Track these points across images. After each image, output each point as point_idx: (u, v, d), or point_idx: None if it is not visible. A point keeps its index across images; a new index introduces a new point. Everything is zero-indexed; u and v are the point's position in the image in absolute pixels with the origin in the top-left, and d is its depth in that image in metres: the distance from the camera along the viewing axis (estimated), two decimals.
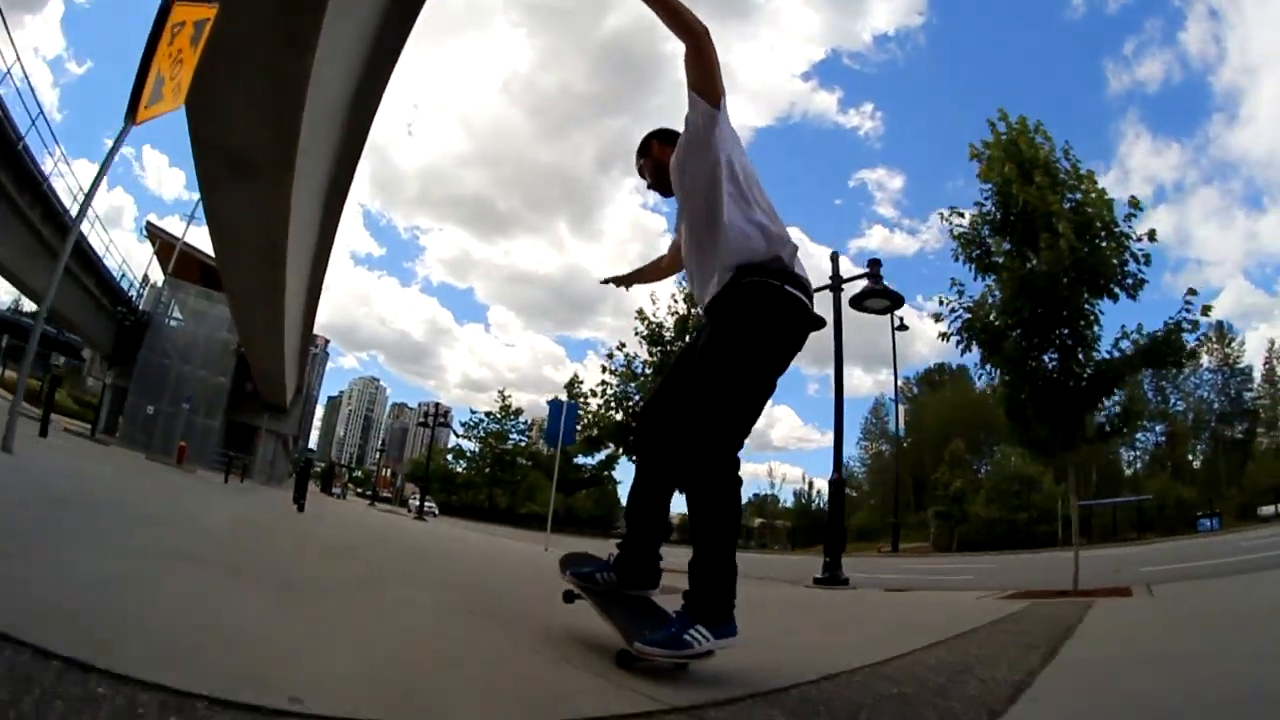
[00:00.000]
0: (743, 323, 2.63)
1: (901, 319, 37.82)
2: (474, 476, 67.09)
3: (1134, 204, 8.60)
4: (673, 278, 4.98)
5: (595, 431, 24.08)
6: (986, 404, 67.66)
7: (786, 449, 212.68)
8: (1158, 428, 64.99)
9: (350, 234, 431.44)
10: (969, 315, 9.04)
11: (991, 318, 8.86)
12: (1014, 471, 53.96)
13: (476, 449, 64.31)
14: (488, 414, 63.65)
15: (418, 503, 47.37)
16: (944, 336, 9.22)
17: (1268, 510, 38.11)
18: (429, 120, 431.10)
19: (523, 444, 65.08)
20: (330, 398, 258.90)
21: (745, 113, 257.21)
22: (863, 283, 12.58)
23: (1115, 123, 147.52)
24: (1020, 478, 53.57)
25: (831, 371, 13.19)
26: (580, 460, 58.64)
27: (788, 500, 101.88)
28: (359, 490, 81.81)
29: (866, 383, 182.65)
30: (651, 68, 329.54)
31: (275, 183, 15.64)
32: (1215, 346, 63.73)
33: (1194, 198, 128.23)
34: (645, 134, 3.38)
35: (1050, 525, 46.48)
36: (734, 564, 2.57)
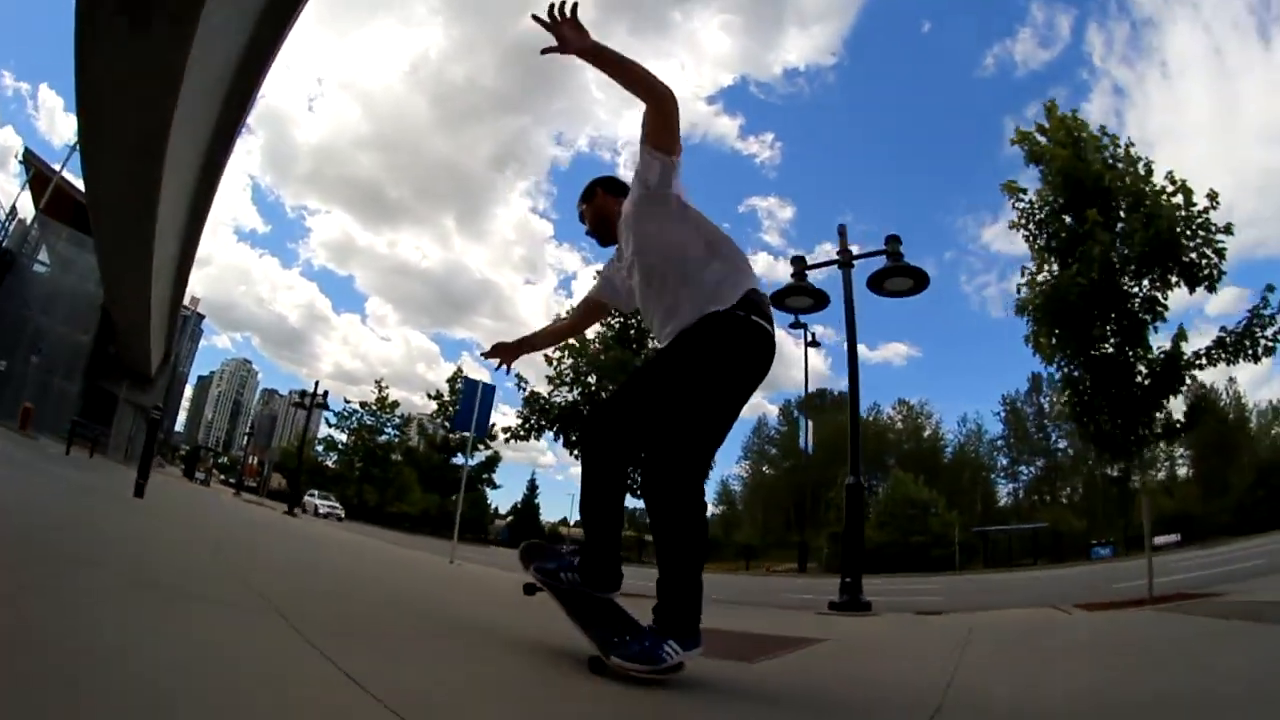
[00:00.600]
0: (709, 351, 2.73)
1: (813, 335, 38.70)
2: (344, 470, 64.47)
3: (1212, 196, 8.68)
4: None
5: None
6: (872, 429, 71.93)
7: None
8: (1039, 460, 69.47)
9: (237, 207, 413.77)
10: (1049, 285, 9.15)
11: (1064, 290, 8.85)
12: (907, 495, 54.59)
13: (348, 441, 61.68)
14: (363, 405, 61.05)
15: (320, 503, 43.63)
16: (1021, 310, 9.52)
17: (1162, 539, 38.70)
18: (332, 97, 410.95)
19: (396, 439, 63.24)
20: (201, 377, 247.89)
21: None
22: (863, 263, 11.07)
23: (1007, 177, 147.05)
24: (913, 502, 54.02)
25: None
26: (460, 460, 57.71)
27: None
28: (224, 478, 78.55)
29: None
30: (559, 71, 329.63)
31: (172, 33, 12.68)
32: None
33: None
34: (591, 180, 3.47)
35: (945, 549, 47.62)
36: (700, 581, 2.68)
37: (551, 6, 2.77)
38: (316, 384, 25.60)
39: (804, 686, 3.09)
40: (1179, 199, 8.75)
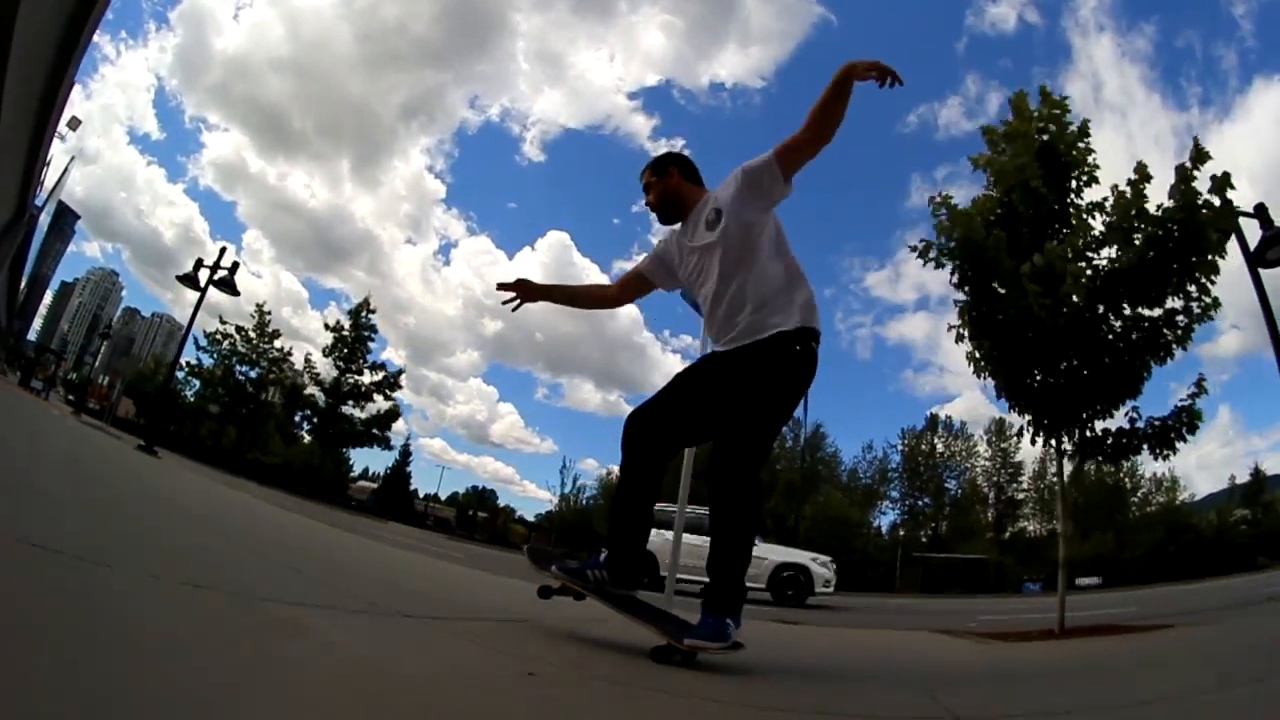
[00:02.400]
0: (794, 380, 2.97)
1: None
2: (206, 404, 55.83)
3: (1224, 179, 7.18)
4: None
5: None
6: None
7: (504, 446, 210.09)
8: (926, 498, 69.90)
9: (135, 106, 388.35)
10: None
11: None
12: (836, 514, 54.59)
13: (214, 370, 52.66)
14: (238, 329, 52.13)
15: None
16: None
17: (1085, 580, 42.37)
18: (259, 10, 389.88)
19: (273, 376, 54.61)
20: (64, 283, 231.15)
21: (560, 110, 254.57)
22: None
23: (903, 231, 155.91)
24: (841, 520, 54.00)
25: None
26: (349, 410, 51.40)
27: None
28: (68, 396, 69.47)
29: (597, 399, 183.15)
30: (492, 34, 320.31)
31: None
32: (994, 439, 69.34)
33: (954, 314, 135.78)
34: (667, 154, 3.51)
35: (875, 571, 48.50)
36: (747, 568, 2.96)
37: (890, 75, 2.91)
38: (223, 250, 16.85)
39: None
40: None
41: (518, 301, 3.66)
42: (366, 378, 51.98)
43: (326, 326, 51.26)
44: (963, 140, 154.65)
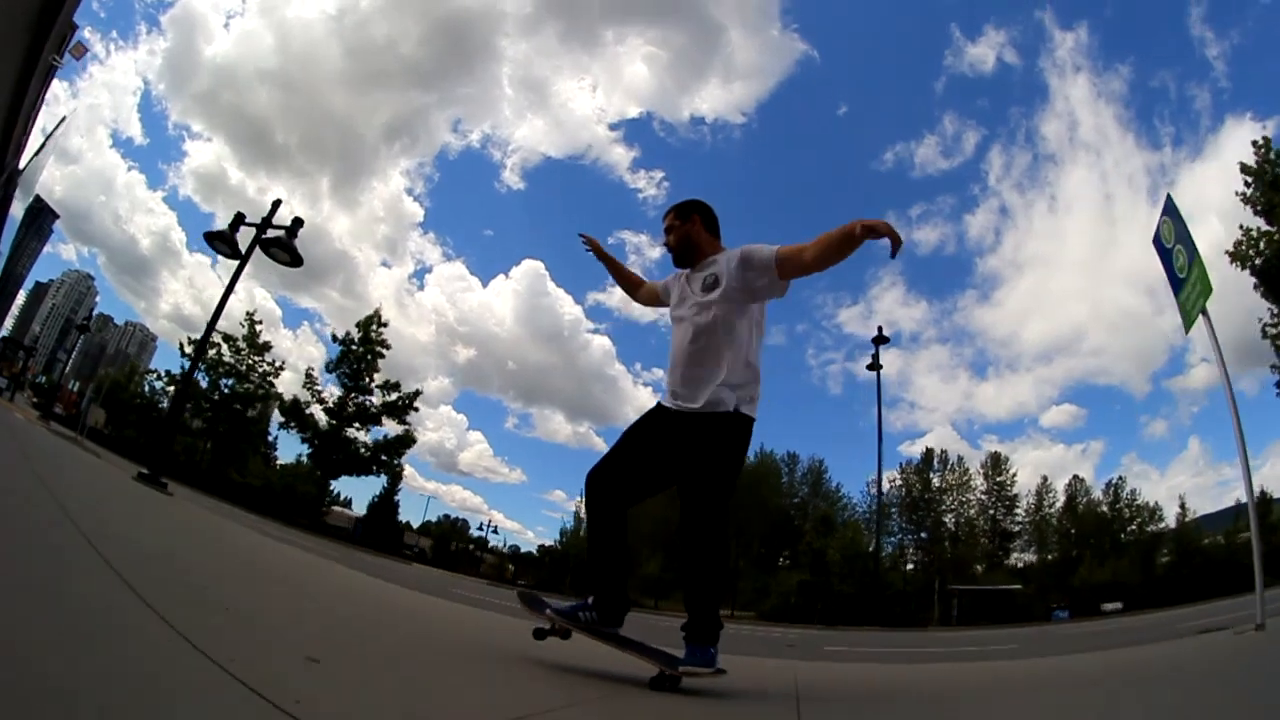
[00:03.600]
0: (739, 451, 3.38)
1: (877, 359, 33.09)
2: (187, 418, 50.67)
3: None
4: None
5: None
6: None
7: (472, 475, 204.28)
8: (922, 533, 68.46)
9: (120, 109, 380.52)
10: None
11: None
12: (861, 549, 53.55)
13: (203, 381, 47.00)
14: (226, 339, 46.65)
15: None
16: None
17: (1110, 606, 42.04)
18: (250, 19, 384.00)
19: (262, 391, 49.20)
20: (38, 283, 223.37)
21: (541, 138, 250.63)
22: None
23: (875, 268, 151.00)
24: (865, 555, 52.42)
25: None
26: (353, 434, 46.49)
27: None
28: (35, 399, 63.81)
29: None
30: (479, 58, 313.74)
31: None
32: (990, 473, 68.70)
33: (926, 350, 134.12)
34: (692, 202, 3.84)
35: (905, 606, 46.81)
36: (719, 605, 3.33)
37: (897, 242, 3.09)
38: (276, 204, 11.30)
39: None
40: None
41: (588, 244, 4.48)
42: (377, 398, 47.40)
43: (335, 339, 46.64)
44: (938, 178, 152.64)
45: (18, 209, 68.19)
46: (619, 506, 3.50)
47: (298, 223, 13.96)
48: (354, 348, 45.74)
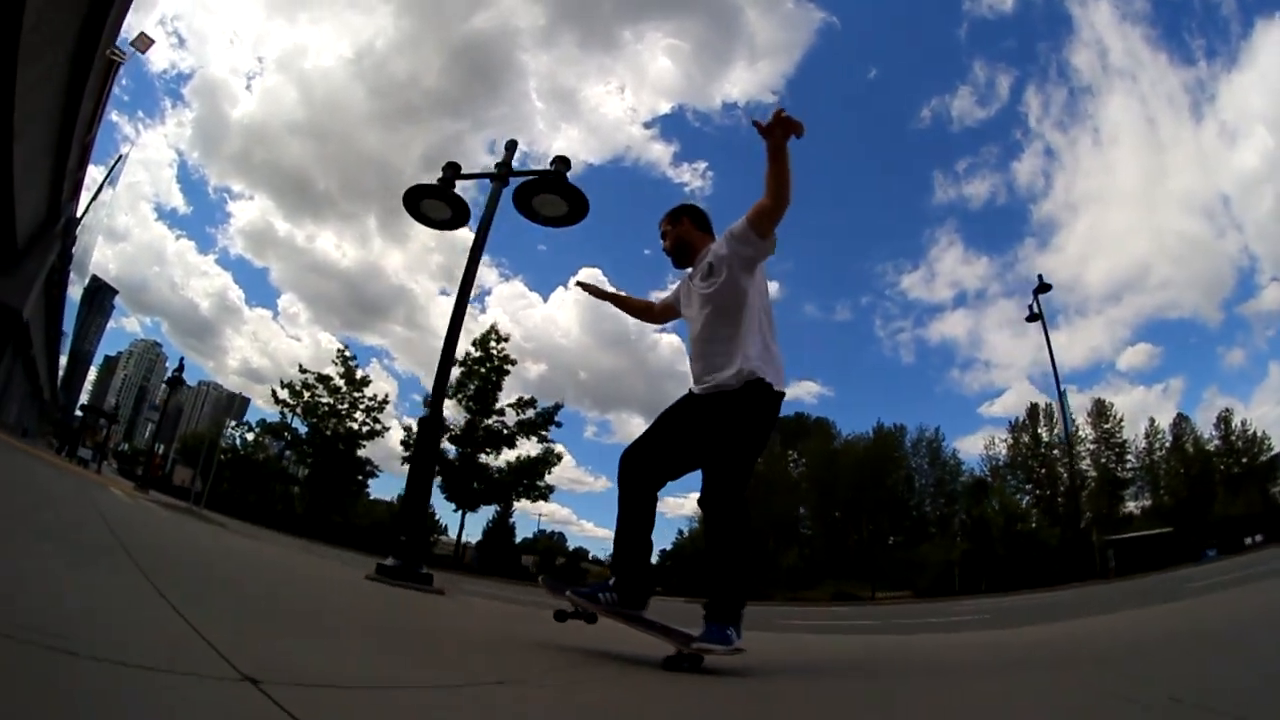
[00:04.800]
0: (762, 420, 3.36)
1: (1038, 308, 30.01)
2: (284, 464, 46.80)
3: None
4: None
5: None
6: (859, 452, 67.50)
7: (558, 488, 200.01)
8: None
9: (160, 182, 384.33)
10: None
11: None
12: (1014, 512, 52.63)
13: (300, 425, 43.04)
14: (321, 379, 43.19)
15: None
16: None
17: (1251, 539, 38.80)
18: (270, 77, 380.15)
19: (366, 427, 44.60)
20: (107, 357, 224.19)
21: (579, 146, 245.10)
22: None
23: (932, 228, 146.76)
24: (1015, 516, 51.81)
25: None
26: (484, 459, 41.46)
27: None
28: (121, 467, 59.62)
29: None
30: (502, 79, 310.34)
31: None
32: (1096, 422, 65.08)
33: (993, 307, 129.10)
34: (683, 206, 3.96)
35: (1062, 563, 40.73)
36: (746, 583, 3.29)
37: (782, 114, 3.13)
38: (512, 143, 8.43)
39: None
40: None
41: (584, 288, 4.55)
42: (510, 418, 42.26)
43: (460, 363, 41.61)
44: (978, 129, 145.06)
45: (75, 291, 64.68)
46: (648, 486, 3.57)
47: (563, 162, 8.72)
48: (477, 367, 40.60)
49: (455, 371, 40.01)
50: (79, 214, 26.98)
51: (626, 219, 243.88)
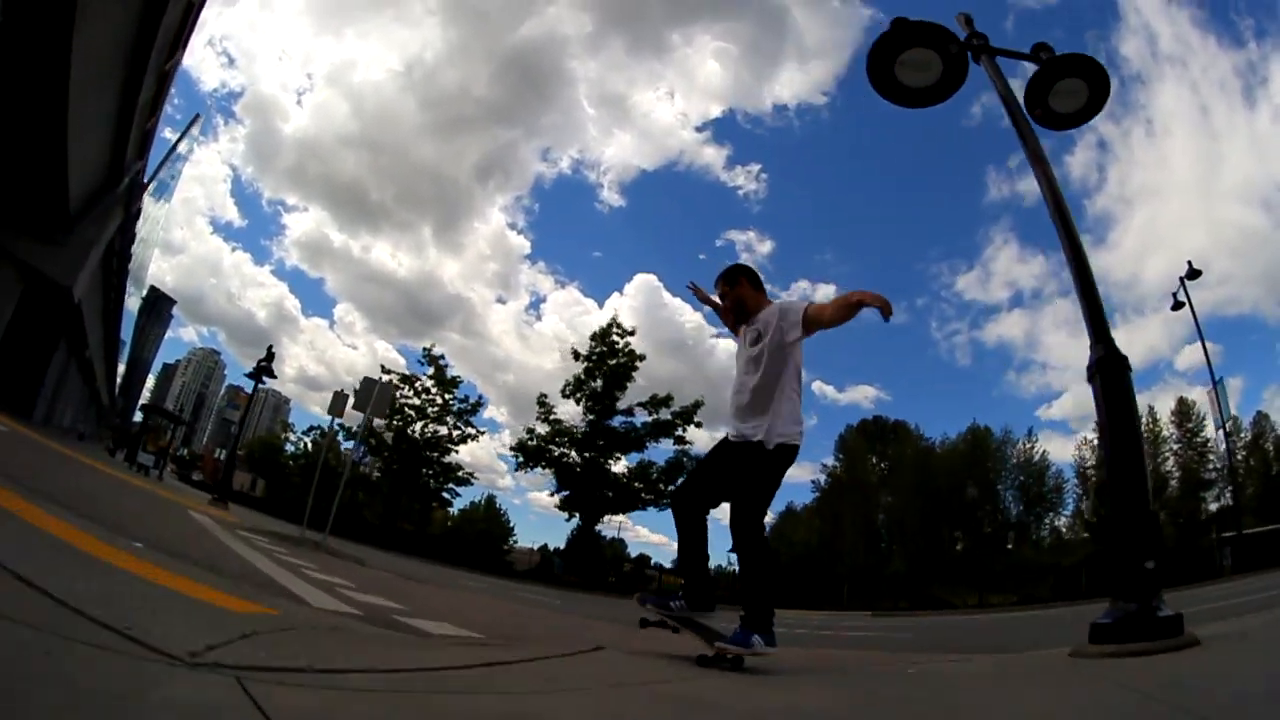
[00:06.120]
0: (778, 474, 3.94)
1: (1185, 296, 28.06)
2: (368, 471, 41.63)
3: None
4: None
5: None
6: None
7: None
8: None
9: (215, 197, 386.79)
10: None
11: None
12: None
13: (388, 430, 37.66)
14: (406, 378, 38.24)
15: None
16: None
17: None
18: (320, 93, 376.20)
19: (458, 432, 39.33)
20: (166, 365, 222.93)
21: (631, 153, 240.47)
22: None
23: (986, 227, 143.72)
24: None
25: None
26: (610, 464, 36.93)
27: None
28: (179, 471, 55.02)
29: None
30: (551, 87, 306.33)
31: None
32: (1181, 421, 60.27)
33: (1050, 306, 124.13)
34: (739, 267, 4.46)
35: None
36: (772, 595, 3.79)
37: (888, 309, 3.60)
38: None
39: None
40: None
41: (696, 292, 5.05)
42: (645, 416, 37.63)
43: (576, 355, 36.82)
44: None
45: (133, 303, 60.03)
46: (696, 515, 4.11)
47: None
48: (604, 364, 36.15)
49: (577, 368, 35.13)
50: (147, 177, 21.66)
51: (681, 224, 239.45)
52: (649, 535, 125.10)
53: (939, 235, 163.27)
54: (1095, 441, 59.36)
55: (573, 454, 37.09)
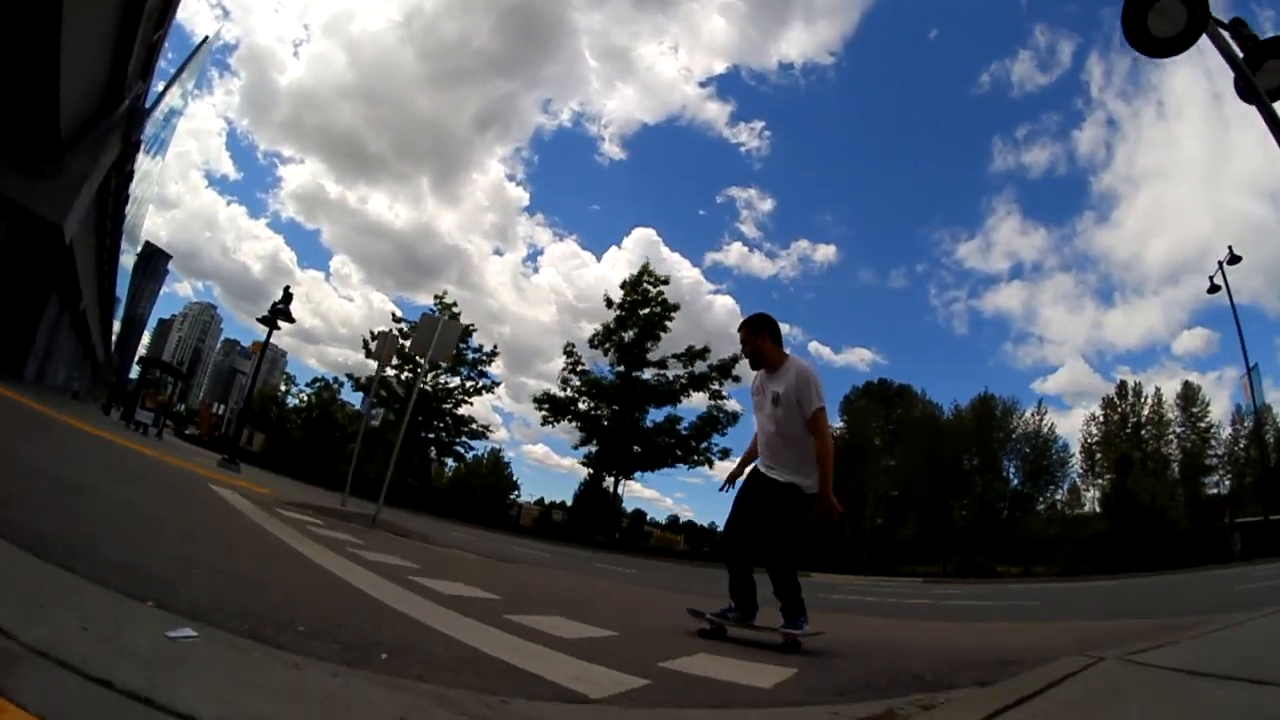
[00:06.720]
0: (802, 508, 4.52)
1: (1217, 278, 26.96)
2: (377, 423, 39.18)
3: None
4: None
5: None
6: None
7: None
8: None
9: (210, 150, 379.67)
10: None
11: None
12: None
13: (398, 386, 35.92)
14: (416, 325, 35.33)
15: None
16: None
17: None
18: (318, 44, 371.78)
19: (475, 384, 38.16)
20: (161, 320, 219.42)
21: (634, 106, 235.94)
22: None
23: (989, 197, 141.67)
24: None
25: None
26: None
27: None
28: (177, 429, 53.10)
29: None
30: (554, 38, 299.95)
31: None
32: (1185, 406, 61.19)
33: (1049, 280, 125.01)
34: (759, 319, 4.92)
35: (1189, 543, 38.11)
36: (800, 590, 4.52)
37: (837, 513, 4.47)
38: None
39: None
40: None
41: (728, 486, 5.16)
42: (671, 372, 36.09)
43: (609, 303, 35.12)
44: (1036, 95, 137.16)
45: (127, 260, 57.26)
46: (742, 552, 4.76)
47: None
48: (631, 314, 34.07)
49: (609, 316, 33.54)
50: (149, 103, 19.44)
51: (682, 179, 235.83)
52: (640, 490, 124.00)
53: (941, 202, 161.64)
54: (1101, 418, 62.31)
55: (602, 408, 35.66)
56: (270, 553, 4.91)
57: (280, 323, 18.67)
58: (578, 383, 36.46)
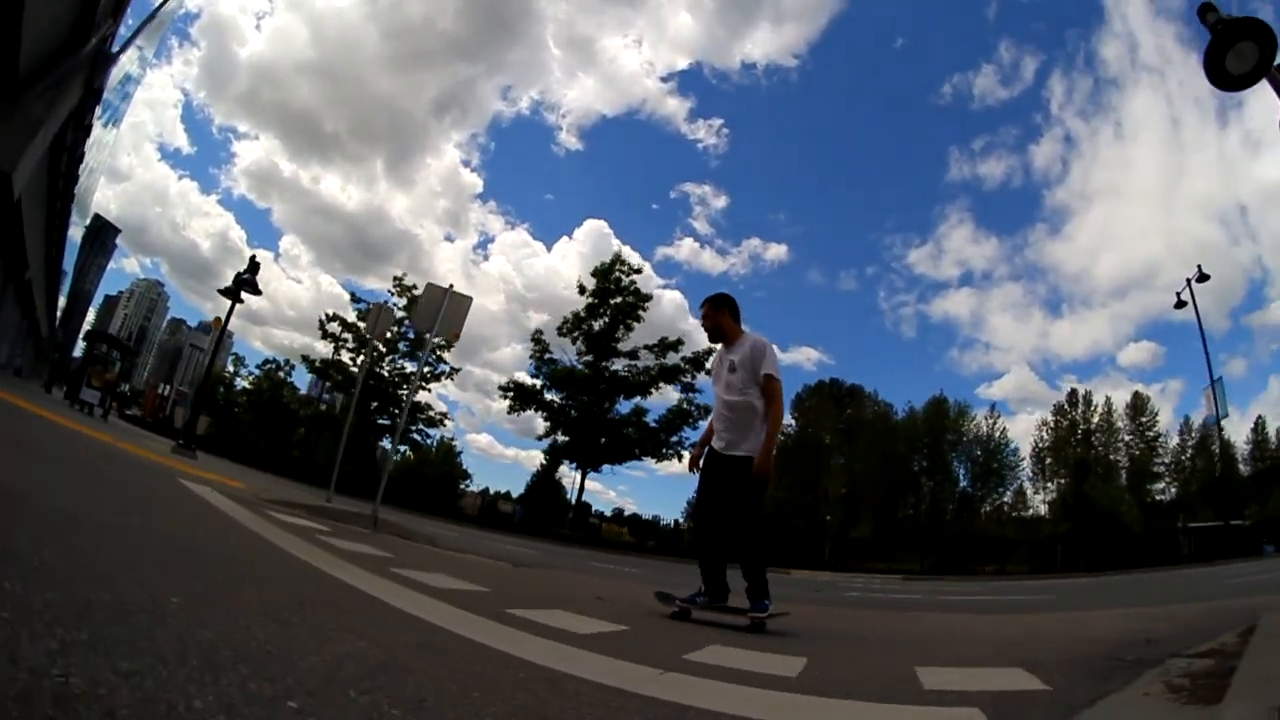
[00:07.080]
0: (764, 481, 4.69)
1: (1185, 294, 27.97)
2: (329, 408, 39.19)
3: None
4: None
5: None
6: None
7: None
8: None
9: (165, 122, 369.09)
10: None
11: None
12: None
13: (353, 368, 34.80)
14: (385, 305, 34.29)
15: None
16: None
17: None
18: (281, 17, 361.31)
19: (431, 369, 36.39)
20: (107, 297, 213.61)
21: (594, 97, 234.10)
22: None
23: (943, 205, 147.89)
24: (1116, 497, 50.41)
25: None
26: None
27: None
28: (121, 410, 51.02)
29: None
30: (519, 23, 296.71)
31: None
32: (1134, 415, 63.33)
33: (999, 289, 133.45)
34: (721, 296, 5.17)
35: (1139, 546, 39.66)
36: (766, 571, 4.64)
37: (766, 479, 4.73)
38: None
39: None
40: None
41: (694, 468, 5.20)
42: (643, 361, 35.84)
43: (581, 289, 34.51)
44: (997, 109, 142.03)
45: (76, 233, 54.60)
46: (711, 533, 4.91)
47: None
48: (602, 302, 33.79)
49: (565, 306, 33.22)
50: (117, 48, 18.15)
51: (637, 172, 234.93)
52: (587, 483, 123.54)
53: (894, 207, 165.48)
54: (1052, 424, 64.59)
55: (571, 397, 35.29)
56: (329, 592, 3.44)
57: (245, 295, 17.54)
58: (548, 371, 35.93)
